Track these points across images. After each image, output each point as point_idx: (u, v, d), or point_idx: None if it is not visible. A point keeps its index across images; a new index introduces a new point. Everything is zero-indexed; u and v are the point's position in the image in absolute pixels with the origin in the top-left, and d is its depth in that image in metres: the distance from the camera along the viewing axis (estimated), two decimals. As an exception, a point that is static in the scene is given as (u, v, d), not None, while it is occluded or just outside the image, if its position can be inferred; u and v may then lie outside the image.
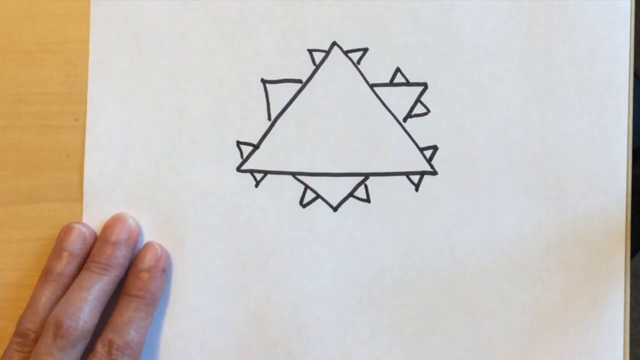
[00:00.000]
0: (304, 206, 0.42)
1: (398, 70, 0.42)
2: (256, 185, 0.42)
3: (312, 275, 0.42)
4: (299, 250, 0.42)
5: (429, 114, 0.42)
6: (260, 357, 0.42)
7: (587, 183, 0.42)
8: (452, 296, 0.42)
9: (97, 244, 0.41)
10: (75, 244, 0.41)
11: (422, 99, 0.42)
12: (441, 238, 0.42)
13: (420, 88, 0.42)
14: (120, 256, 0.40)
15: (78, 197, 0.42)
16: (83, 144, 0.42)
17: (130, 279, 0.41)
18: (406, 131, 0.42)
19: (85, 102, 0.42)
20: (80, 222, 0.42)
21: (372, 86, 0.42)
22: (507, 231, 0.42)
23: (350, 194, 0.42)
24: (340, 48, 0.43)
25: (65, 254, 0.40)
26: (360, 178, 0.42)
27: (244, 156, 0.42)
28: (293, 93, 0.42)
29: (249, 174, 0.42)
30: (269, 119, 0.43)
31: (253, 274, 0.42)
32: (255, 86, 0.43)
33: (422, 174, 0.42)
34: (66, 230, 0.41)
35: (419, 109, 0.42)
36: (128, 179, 0.42)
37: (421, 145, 0.42)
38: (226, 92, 0.42)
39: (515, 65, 0.42)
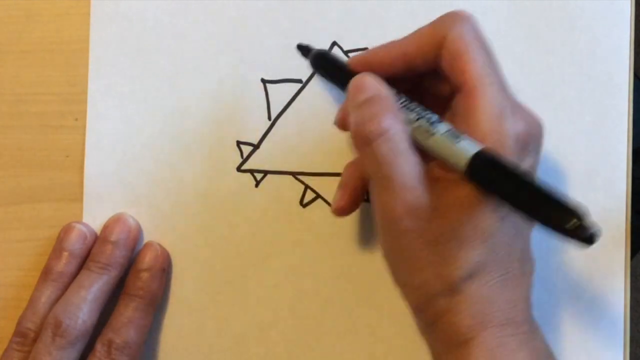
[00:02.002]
0: (304, 206, 0.42)
1: (398, 70, 0.42)
2: (256, 185, 0.42)
3: (311, 275, 0.42)
4: (299, 250, 0.42)
5: (429, 114, 0.42)
6: (260, 357, 0.42)
7: (587, 183, 0.42)
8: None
9: (97, 243, 0.41)
10: (75, 243, 0.41)
11: (422, 98, 0.42)
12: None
13: (420, 88, 0.42)
14: (120, 256, 0.40)
15: (78, 197, 0.42)
16: (83, 144, 0.42)
17: (130, 278, 0.41)
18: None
19: (85, 102, 0.42)
20: (80, 222, 0.42)
21: (372, 86, 0.42)
22: (507, 231, 0.42)
23: (350, 194, 0.42)
24: (341, 48, 0.43)
25: (65, 253, 0.40)
26: (360, 178, 0.42)
27: (244, 156, 0.42)
28: (293, 93, 0.42)
29: (249, 174, 0.42)
30: (269, 119, 0.43)
31: (253, 274, 0.42)
32: (255, 86, 0.43)
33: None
34: (66, 230, 0.41)
35: (419, 109, 0.42)
36: (128, 179, 0.42)
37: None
38: (226, 92, 0.42)
39: (515, 65, 0.42)
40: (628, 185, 0.42)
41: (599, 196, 0.42)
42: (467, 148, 0.32)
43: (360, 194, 0.38)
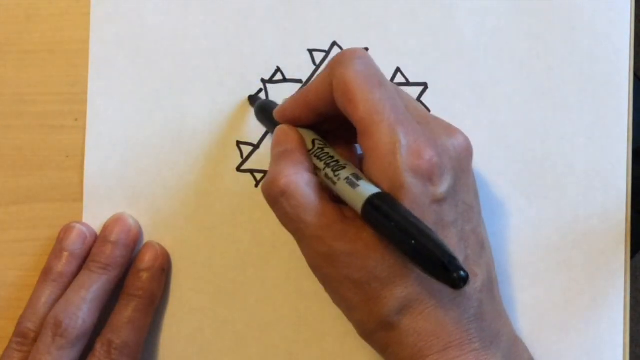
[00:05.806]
0: (303, 206, 0.42)
1: (398, 70, 0.42)
2: (256, 185, 0.42)
3: (312, 275, 0.42)
4: (299, 250, 0.42)
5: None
6: (259, 357, 0.42)
7: (587, 183, 0.42)
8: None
9: (97, 243, 0.41)
10: (76, 243, 0.41)
11: (422, 98, 0.42)
12: (441, 238, 0.42)
13: (421, 88, 0.42)
14: (120, 256, 0.40)
15: (78, 197, 0.42)
16: (83, 144, 0.42)
17: (130, 278, 0.41)
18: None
19: (85, 102, 0.42)
20: (80, 222, 0.42)
21: (372, 86, 0.42)
22: (507, 231, 0.42)
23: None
24: (341, 48, 0.42)
25: (65, 253, 0.40)
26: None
27: (244, 156, 0.42)
28: (293, 93, 0.42)
29: (249, 174, 0.42)
30: (269, 118, 0.43)
31: (253, 274, 0.42)
32: (255, 86, 0.43)
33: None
34: (66, 230, 0.41)
35: (419, 109, 0.42)
36: (128, 179, 0.42)
37: (421, 145, 0.42)
38: (226, 92, 0.42)
39: (515, 65, 0.42)
40: (628, 185, 0.42)
41: (599, 196, 0.42)
42: (362, 194, 0.32)
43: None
